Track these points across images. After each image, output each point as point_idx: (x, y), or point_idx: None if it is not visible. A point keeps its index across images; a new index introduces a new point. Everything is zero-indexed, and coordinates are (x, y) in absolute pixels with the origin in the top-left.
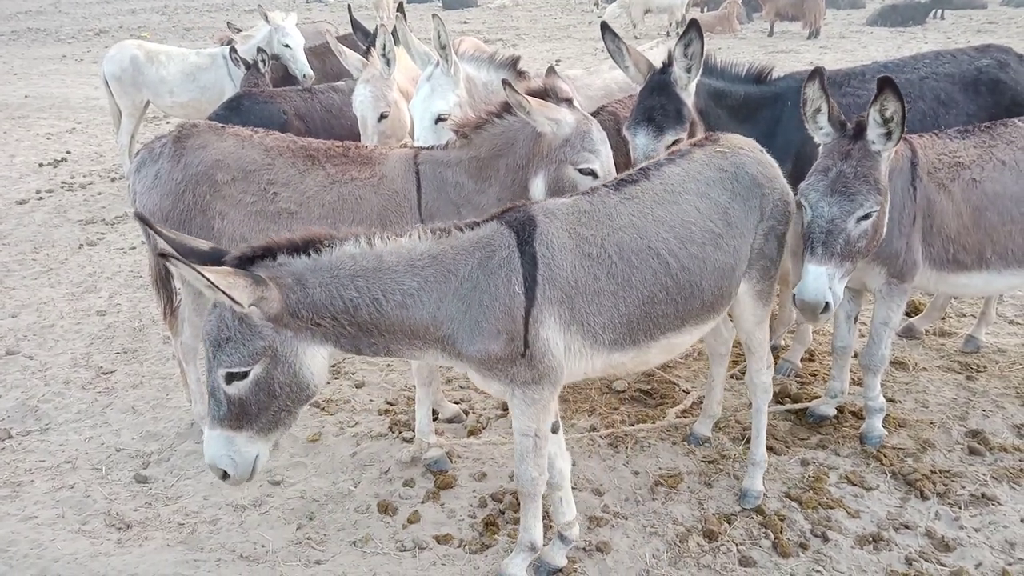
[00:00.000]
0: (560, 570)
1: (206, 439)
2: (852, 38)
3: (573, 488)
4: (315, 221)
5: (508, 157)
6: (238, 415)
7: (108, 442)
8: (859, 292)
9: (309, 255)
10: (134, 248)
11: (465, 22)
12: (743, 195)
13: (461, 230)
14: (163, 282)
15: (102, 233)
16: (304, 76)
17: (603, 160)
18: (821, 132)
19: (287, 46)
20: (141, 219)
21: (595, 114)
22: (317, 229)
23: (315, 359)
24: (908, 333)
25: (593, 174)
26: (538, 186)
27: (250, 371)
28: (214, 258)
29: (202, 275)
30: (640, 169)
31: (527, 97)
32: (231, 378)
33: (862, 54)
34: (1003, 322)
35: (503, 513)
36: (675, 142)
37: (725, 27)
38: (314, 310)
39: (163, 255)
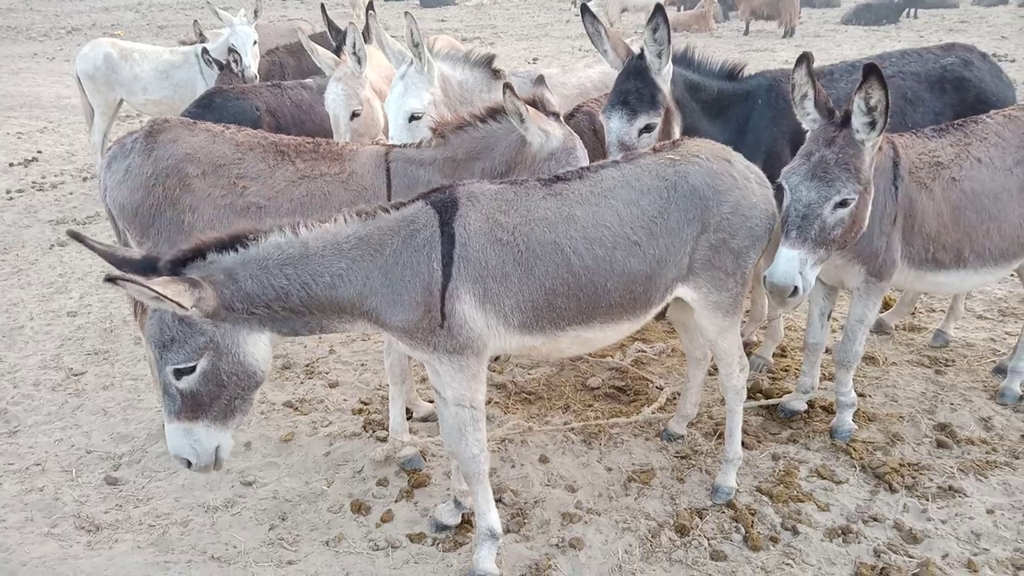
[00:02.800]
0: (448, 527)
1: (167, 432)
2: (827, 37)
3: (547, 485)
4: (283, 216)
5: (485, 161)
6: (192, 407)
7: (78, 444)
8: (834, 290)
9: (237, 250)
10: None
11: (443, 20)
12: (680, 205)
13: (387, 211)
14: None
15: None
16: (246, 77)
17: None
18: (808, 118)
19: (232, 46)
20: (74, 235)
21: (570, 115)
22: (242, 225)
23: (257, 346)
24: (878, 328)
25: None
26: None
27: (196, 365)
28: (147, 264)
29: (151, 289)
30: (581, 168)
31: (525, 104)
32: (179, 374)
33: (836, 53)
34: (971, 317)
35: None
36: (647, 127)
37: (701, 26)
38: (248, 301)
39: (111, 279)
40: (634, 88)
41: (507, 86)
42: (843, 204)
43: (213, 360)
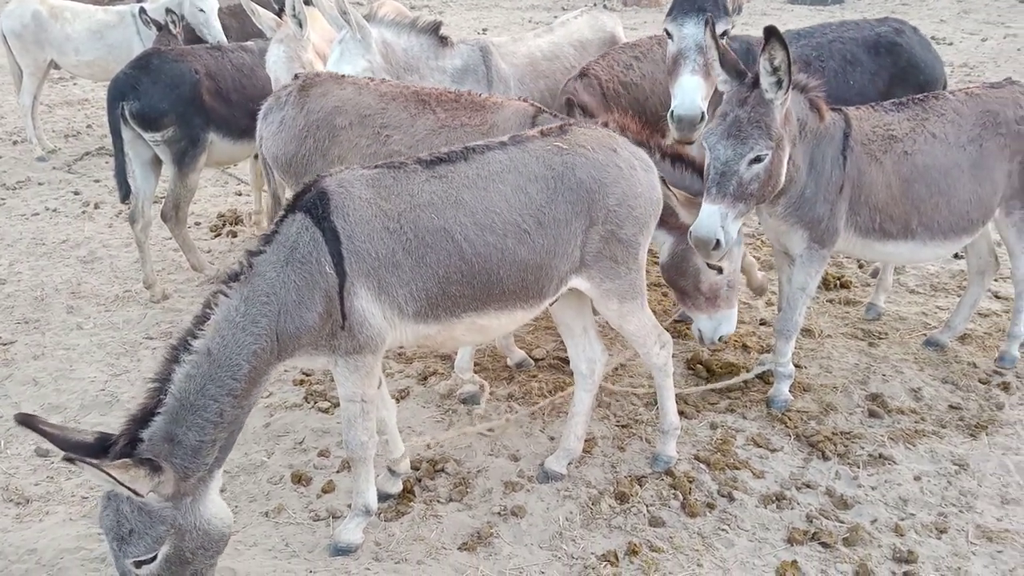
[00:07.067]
0: (391, 496)
1: None
2: (773, 15)
3: (490, 454)
4: None
5: None
6: None
7: (7, 415)
8: None
9: (158, 412)
10: (36, 214)
11: None
12: (567, 198)
13: (259, 251)
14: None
15: (2, 199)
16: (218, 43)
17: (734, 262)
18: (720, 80)
19: (202, 10)
20: (24, 423)
21: (581, 75)
22: (141, 394)
23: (215, 504)
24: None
25: (720, 271)
26: (664, 248)
27: (157, 553)
28: (100, 447)
29: (106, 473)
30: (465, 148)
31: (678, 193)
32: (139, 564)
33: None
34: (904, 291)
35: (419, 481)
36: (724, 33)
37: (652, 1)
38: (197, 456)
39: (69, 460)
40: None
41: (662, 179)
42: (757, 160)
43: (175, 543)
